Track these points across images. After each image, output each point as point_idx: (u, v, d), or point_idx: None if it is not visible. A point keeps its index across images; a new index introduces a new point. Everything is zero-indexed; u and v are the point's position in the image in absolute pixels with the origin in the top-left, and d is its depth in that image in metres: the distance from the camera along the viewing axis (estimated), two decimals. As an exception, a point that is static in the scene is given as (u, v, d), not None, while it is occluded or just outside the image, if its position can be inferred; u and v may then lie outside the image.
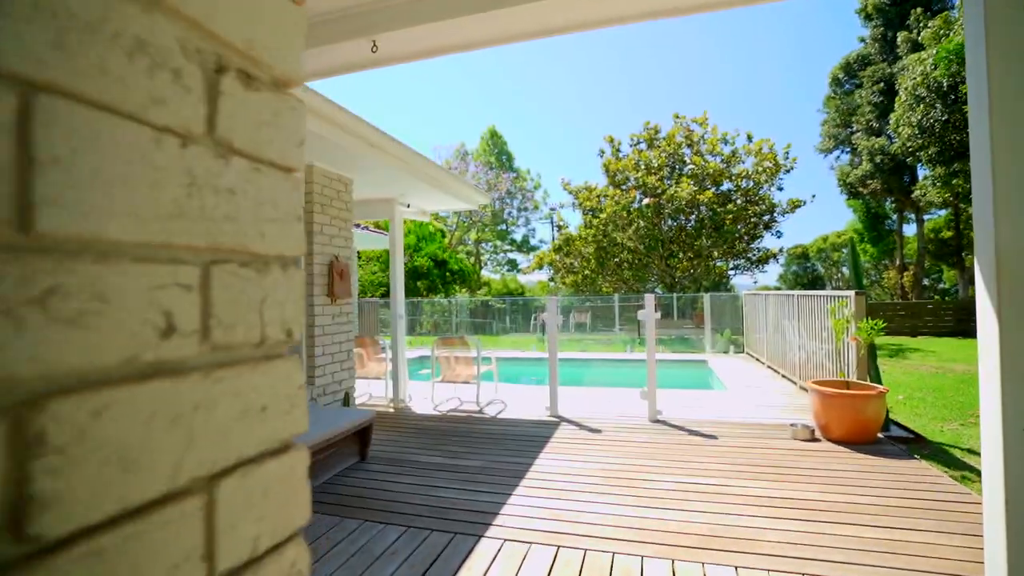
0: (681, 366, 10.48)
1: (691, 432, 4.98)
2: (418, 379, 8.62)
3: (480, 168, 30.29)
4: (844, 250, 51.98)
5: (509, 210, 32.17)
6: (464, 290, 29.87)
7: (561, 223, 20.24)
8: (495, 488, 3.68)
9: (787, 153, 17.48)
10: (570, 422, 5.52)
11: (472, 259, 33.90)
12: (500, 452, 4.54)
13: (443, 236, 32.65)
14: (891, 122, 14.93)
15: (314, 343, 4.81)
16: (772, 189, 17.96)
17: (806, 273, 54.75)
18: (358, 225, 11.14)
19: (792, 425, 4.74)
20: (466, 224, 32.27)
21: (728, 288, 33.59)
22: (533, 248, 33.24)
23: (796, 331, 7.09)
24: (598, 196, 18.26)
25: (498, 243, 33.54)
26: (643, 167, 18.44)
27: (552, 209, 19.31)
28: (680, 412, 5.78)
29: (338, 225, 5.22)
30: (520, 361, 11.56)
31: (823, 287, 52.31)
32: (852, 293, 5.06)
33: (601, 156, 19.46)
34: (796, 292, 7.01)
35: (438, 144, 37.79)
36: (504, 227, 33.22)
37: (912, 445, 4.65)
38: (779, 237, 19.07)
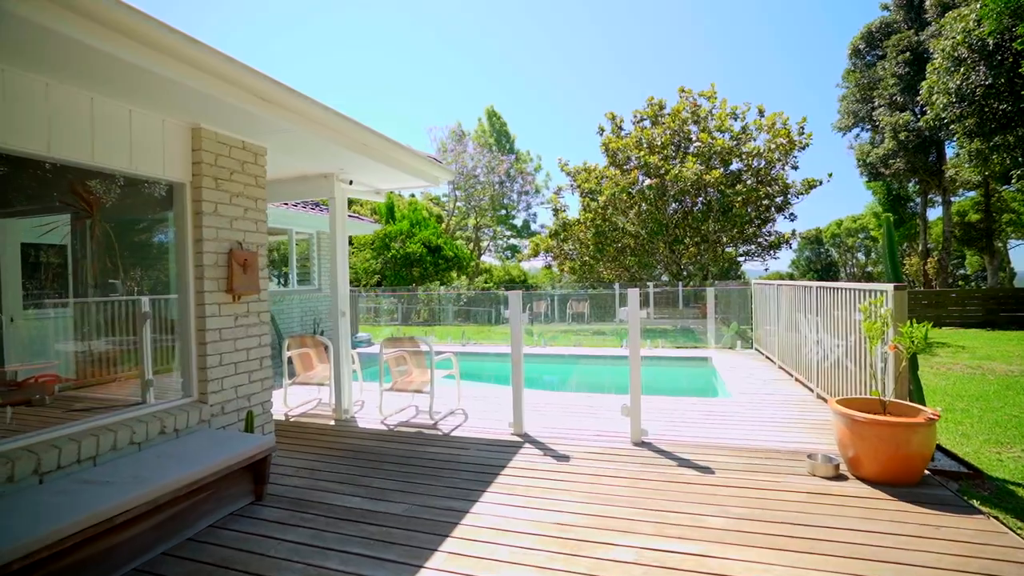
0: (680, 363, 9.43)
1: (681, 462, 3.95)
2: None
3: (478, 150, 29.05)
4: (860, 235, 50.22)
5: (509, 194, 30.95)
6: (462, 277, 28.91)
7: (558, 207, 19.09)
8: (407, 556, 2.69)
9: (802, 128, 16.09)
10: (536, 443, 4.53)
11: (471, 245, 32.85)
12: (437, 489, 3.56)
13: (440, 221, 31.58)
14: (922, 91, 13.48)
15: (206, 350, 3.83)
16: (786, 168, 16.62)
17: (819, 259, 52.97)
18: (316, 205, 10.19)
19: (810, 457, 3.70)
20: (464, 209, 31.17)
21: (738, 275, 32.35)
22: (535, 234, 32.09)
23: (814, 328, 6.00)
24: (597, 177, 17.04)
25: (498, 228, 32.41)
26: (646, 145, 17.16)
27: (557, 192, 18.14)
28: (671, 430, 4.75)
29: (243, 204, 4.20)
30: (508, 357, 10.56)
31: (836, 274, 50.62)
32: (890, 287, 3.96)
33: (600, 134, 18.17)
34: (815, 283, 5.90)
35: (433, 125, 36.57)
36: (505, 212, 32.04)
37: (966, 483, 3.59)
38: (792, 220, 17.73)
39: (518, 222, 33.72)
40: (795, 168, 16.66)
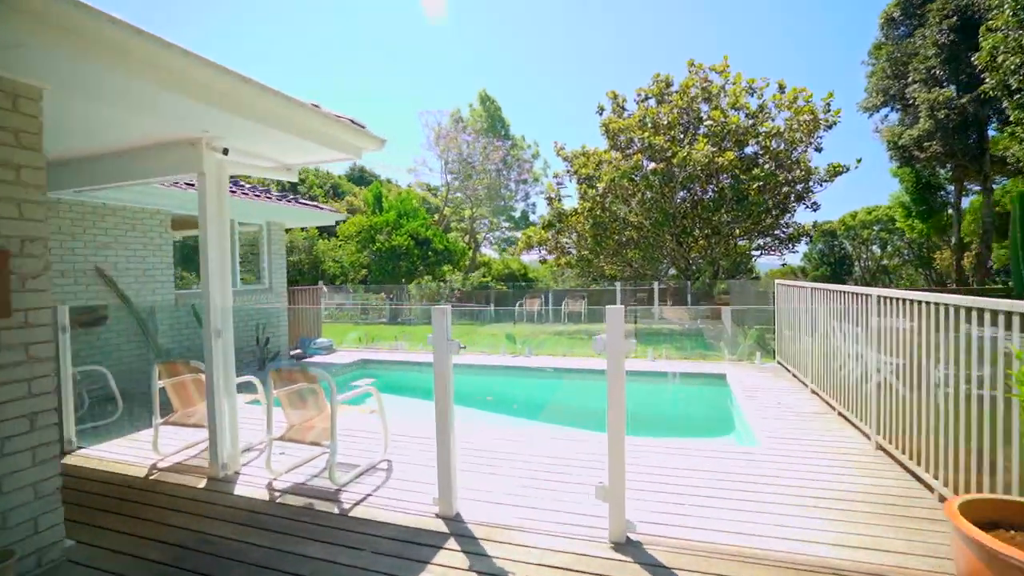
0: (688, 381, 7.81)
1: (687, 601, 2.38)
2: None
3: (473, 136, 27.33)
4: (875, 227, 47.99)
5: (506, 183, 29.21)
6: (456, 272, 27.35)
7: (553, 195, 17.41)
8: None
9: (828, 105, 14.22)
10: (466, 537, 2.98)
11: (467, 237, 31.24)
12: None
13: (433, 212, 29.98)
14: (981, 52, 11.59)
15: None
16: (809, 150, 14.79)
17: (833, 252, 50.88)
18: (265, 191, 8.43)
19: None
20: (460, 199, 29.53)
21: (749, 270, 30.48)
22: (533, 225, 30.41)
23: (870, 349, 4.37)
24: (596, 162, 15.32)
25: (494, 220, 30.74)
26: (650, 126, 15.41)
27: (557, 181, 16.49)
28: (670, 515, 3.18)
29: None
30: (482, 370, 9.00)
31: (850, 268, 48.52)
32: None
33: (600, 114, 16.42)
34: (876, 291, 4.25)
35: (424, 109, 34.62)
36: (503, 202, 30.34)
37: None
38: (815, 210, 15.96)
39: (517, 213, 32.03)
40: (819, 151, 14.83)
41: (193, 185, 7.87)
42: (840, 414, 5.18)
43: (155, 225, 7.65)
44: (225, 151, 3.99)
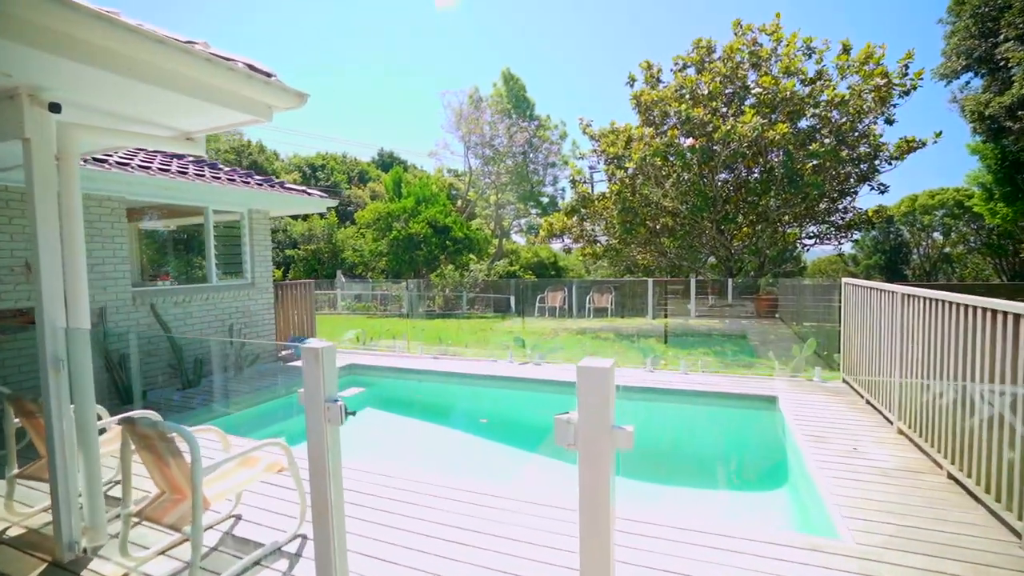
0: (729, 404, 6.29)
1: None
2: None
3: (496, 116, 25.83)
4: (938, 212, 43.83)
5: (533, 166, 27.59)
6: (481, 261, 26.17)
7: (578, 177, 15.81)
8: None
9: (906, 68, 11.99)
10: None
11: (492, 224, 29.93)
12: None
13: (455, 198, 28.78)
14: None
15: None
16: (879, 121, 12.63)
17: (888, 239, 46.86)
18: (247, 174, 7.10)
19: None
20: (485, 184, 28.19)
21: (796, 261, 28.07)
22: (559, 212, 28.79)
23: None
24: (626, 139, 13.64)
25: (520, 206, 29.26)
26: (688, 97, 13.58)
27: (590, 165, 15.03)
28: None
29: None
30: (480, 381, 7.74)
31: (907, 257, 44.56)
32: None
33: (631, 85, 14.65)
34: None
35: (447, 89, 33.01)
36: (530, 187, 28.79)
37: None
38: (882, 193, 13.81)
39: (546, 198, 30.43)
40: (890, 123, 12.64)
41: (149, 168, 6.90)
42: (953, 478, 3.63)
43: (105, 214, 6.70)
44: (55, 107, 2.80)
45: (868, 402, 5.57)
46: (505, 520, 3.22)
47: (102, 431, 3.67)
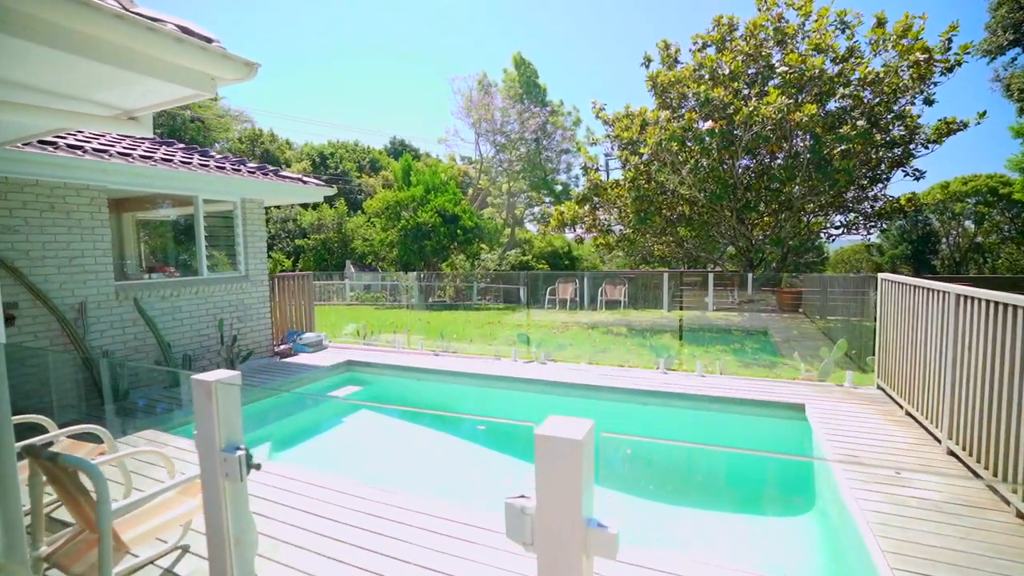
0: (749, 412, 5.73)
1: None
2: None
3: (507, 102, 25.10)
4: (970, 200, 41.92)
5: (546, 153, 26.83)
6: (491, 252, 25.67)
7: (589, 164, 15.13)
8: None
9: (949, 42, 11.01)
10: None
11: (505, 214, 29.34)
12: None
13: (466, 187, 28.21)
14: None
15: None
16: (917, 101, 11.68)
17: (915, 228, 44.92)
18: (240, 162, 6.63)
19: None
20: (497, 171, 27.55)
21: (818, 251, 26.98)
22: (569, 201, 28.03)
23: None
24: (641, 123, 12.90)
25: (533, 194, 28.57)
26: (708, 78, 12.78)
27: (606, 152, 14.35)
28: None
29: None
30: (482, 382, 7.27)
31: (936, 246, 42.73)
32: None
33: (647, 66, 13.87)
34: None
35: (456, 75, 32.21)
36: (543, 175, 28.05)
37: None
38: (917, 179, 12.90)
39: (559, 186, 29.68)
40: (930, 103, 11.68)
41: (131, 156, 6.51)
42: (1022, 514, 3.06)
43: (84, 204, 6.34)
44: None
45: (908, 413, 4.97)
46: (487, 561, 2.74)
47: (49, 444, 3.31)
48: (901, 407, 5.15)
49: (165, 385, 6.87)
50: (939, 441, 4.24)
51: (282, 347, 8.93)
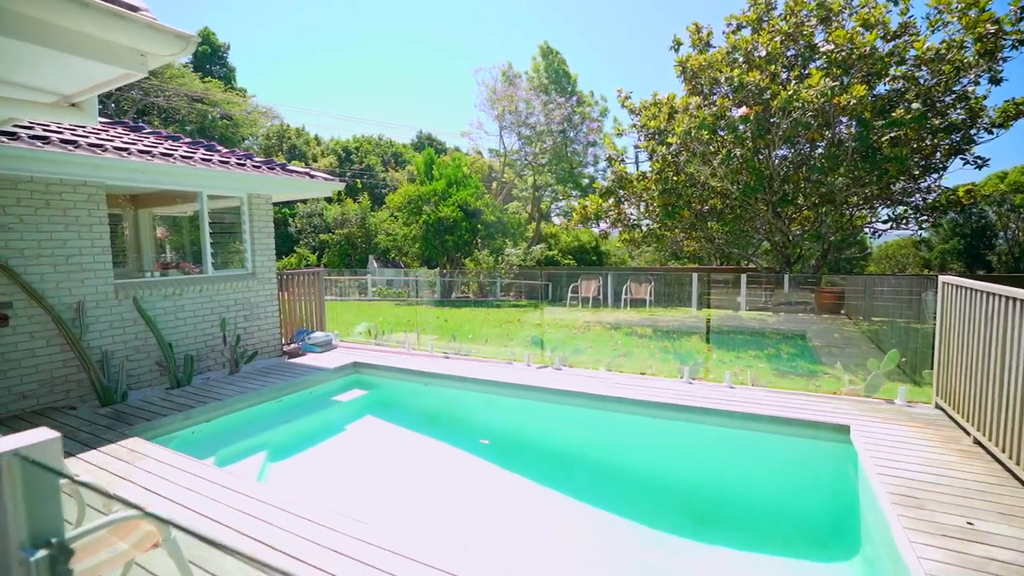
0: (781, 431, 5.06)
1: None
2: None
3: (532, 93, 24.45)
4: (1034, 190, 38.91)
5: (573, 145, 26.09)
6: (516, 246, 25.17)
7: (614, 155, 14.42)
8: None
9: (1021, 11, 9.79)
10: None
11: (530, 207, 28.77)
12: None
13: (490, 180, 27.75)
14: None
15: None
16: (983, 79, 10.50)
17: (969, 222, 41.92)
18: (247, 156, 6.38)
19: None
20: (522, 164, 26.98)
21: (860, 246, 25.37)
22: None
23: None
24: (669, 111, 12.12)
25: (560, 188, 27.88)
26: (742, 61, 11.88)
27: (635, 144, 13.62)
28: None
29: None
30: (490, 388, 6.80)
31: (992, 242, 39.78)
32: None
33: (676, 50, 13.03)
34: None
35: (480, 66, 31.71)
36: (569, 168, 27.33)
37: None
38: (979, 168, 11.71)
39: (586, 179, 28.89)
40: (997, 83, 10.51)
41: (128, 151, 6.30)
42: None
43: (81, 201, 6.17)
44: None
45: (977, 442, 4.25)
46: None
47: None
48: (968, 433, 4.43)
49: (167, 387, 6.69)
50: (1018, 479, 3.54)
51: (291, 346, 8.70)
